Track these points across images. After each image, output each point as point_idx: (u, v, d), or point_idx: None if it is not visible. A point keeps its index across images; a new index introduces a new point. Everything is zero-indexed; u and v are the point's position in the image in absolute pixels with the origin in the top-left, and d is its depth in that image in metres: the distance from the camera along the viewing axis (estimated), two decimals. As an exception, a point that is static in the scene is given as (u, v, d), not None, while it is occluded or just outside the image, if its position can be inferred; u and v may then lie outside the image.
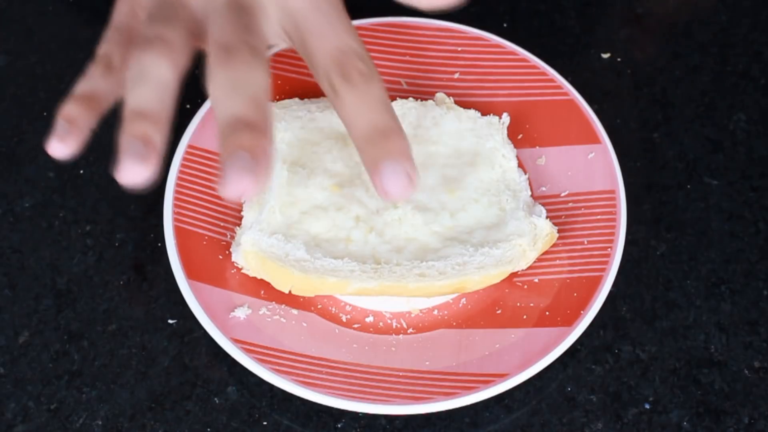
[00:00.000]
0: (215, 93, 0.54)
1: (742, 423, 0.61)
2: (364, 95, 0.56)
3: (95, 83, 0.56)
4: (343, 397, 0.57)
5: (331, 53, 0.57)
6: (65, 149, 0.55)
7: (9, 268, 0.65)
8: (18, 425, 0.60)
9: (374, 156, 0.55)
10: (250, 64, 0.54)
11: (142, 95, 0.54)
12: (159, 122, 0.54)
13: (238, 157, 0.52)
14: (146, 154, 0.52)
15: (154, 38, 0.55)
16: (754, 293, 0.65)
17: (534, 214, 0.63)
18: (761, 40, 0.75)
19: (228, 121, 0.53)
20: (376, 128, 0.55)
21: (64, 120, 0.55)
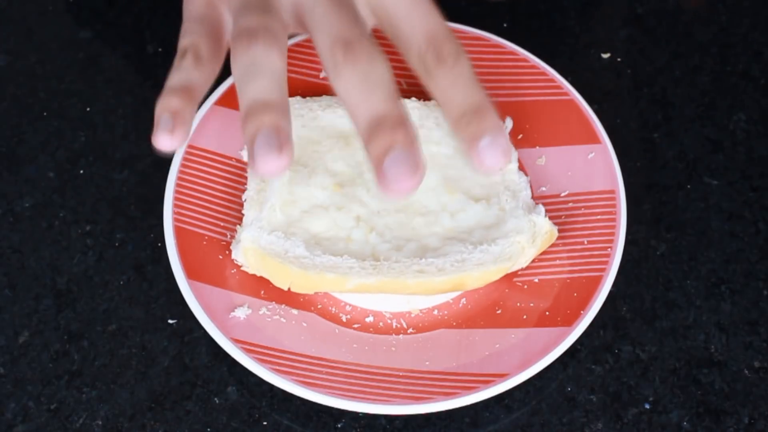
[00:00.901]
0: (349, 92, 0.55)
1: (742, 423, 0.61)
2: (456, 76, 0.57)
3: (188, 74, 0.56)
4: (343, 397, 0.57)
5: (423, 35, 0.57)
6: (174, 141, 0.55)
7: (9, 268, 0.65)
8: (18, 425, 0.60)
9: (471, 133, 0.56)
10: (374, 56, 0.55)
11: (261, 86, 0.54)
12: (285, 111, 0.54)
13: (395, 156, 0.53)
14: (282, 143, 0.53)
15: (259, 29, 0.55)
16: (754, 293, 0.65)
17: (533, 213, 0.63)
18: (761, 40, 0.75)
19: (372, 121, 0.54)
20: (470, 107, 0.57)
21: (167, 113, 0.55)
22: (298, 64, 0.70)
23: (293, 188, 0.63)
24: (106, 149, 0.69)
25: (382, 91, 0.55)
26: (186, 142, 0.65)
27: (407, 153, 0.53)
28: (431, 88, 0.58)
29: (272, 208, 0.62)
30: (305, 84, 0.69)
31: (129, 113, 0.70)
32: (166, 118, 0.54)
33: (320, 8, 0.57)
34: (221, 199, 0.64)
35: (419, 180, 0.54)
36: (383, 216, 0.63)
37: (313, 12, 0.57)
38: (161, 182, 0.64)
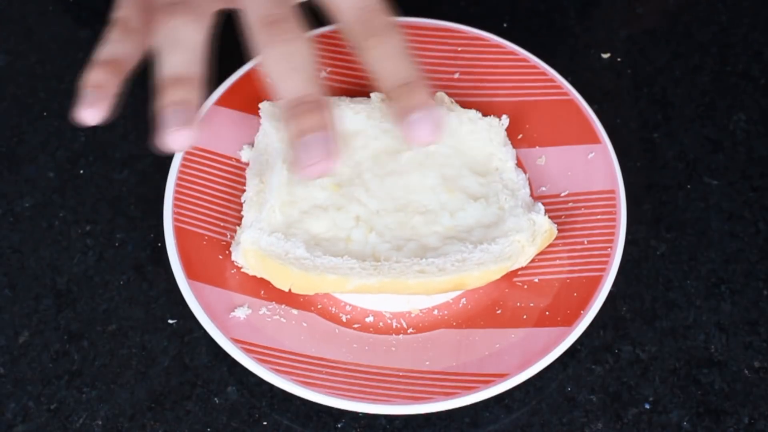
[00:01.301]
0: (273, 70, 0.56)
1: (742, 423, 0.61)
2: (387, 48, 0.58)
3: (116, 47, 0.57)
4: (343, 397, 0.57)
5: (355, 8, 0.58)
6: (95, 115, 0.55)
7: (9, 268, 0.65)
8: (18, 425, 0.60)
9: (403, 107, 0.58)
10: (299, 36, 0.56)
11: (174, 61, 0.55)
12: (195, 85, 0.55)
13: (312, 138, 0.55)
14: (189, 119, 0.54)
15: (180, 2, 0.56)
16: (754, 293, 0.65)
17: (533, 212, 0.63)
18: (761, 40, 0.75)
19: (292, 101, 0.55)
20: (402, 80, 0.58)
21: (90, 87, 0.55)
22: None
23: (292, 189, 0.63)
24: (106, 149, 0.69)
25: (305, 72, 0.56)
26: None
27: (321, 137, 0.55)
28: (364, 60, 0.59)
29: (272, 209, 0.62)
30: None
31: (129, 113, 0.70)
32: (89, 92, 0.55)
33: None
34: (221, 199, 0.64)
35: (332, 164, 0.55)
36: (382, 216, 0.63)
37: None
38: (161, 182, 0.64)
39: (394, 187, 0.64)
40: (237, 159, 0.66)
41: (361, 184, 0.64)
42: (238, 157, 0.66)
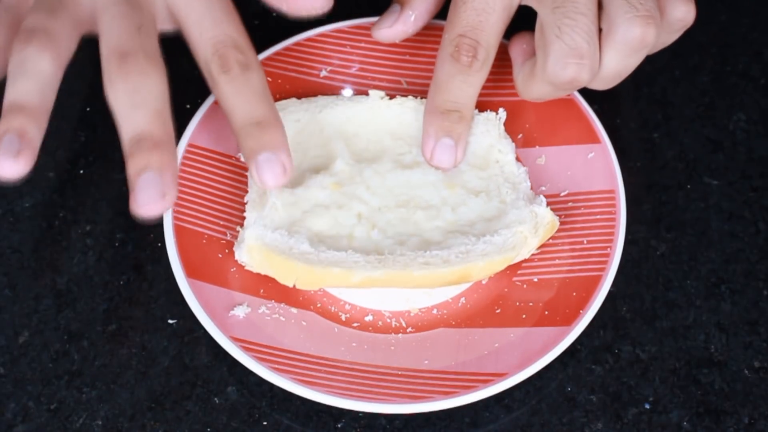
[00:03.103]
0: (117, 105, 0.55)
1: (742, 423, 0.60)
2: (242, 86, 0.58)
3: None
4: (342, 396, 0.57)
5: (211, 42, 0.58)
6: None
7: (9, 268, 0.65)
8: (18, 425, 0.60)
9: (251, 147, 0.57)
10: (146, 72, 0.55)
11: (21, 88, 0.54)
12: (37, 116, 0.54)
13: (146, 177, 0.53)
14: (20, 149, 0.53)
15: (38, 30, 0.55)
16: (754, 293, 0.65)
17: (535, 204, 0.63)
18: (761, 40, 0.75)
19: (132, 138, 0.54)
20: (254, 119, 0.58)
21: None
22: (298, 63, 0.70)
23: (294, 189, 0.63)
24: (106, 149, 0.69)
25: (147, 108, 0.54)
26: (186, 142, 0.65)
27: (157, 177, 0.53)
28: (217, 98, 0.58)
29: (274, 206, 0.62)
30: (305, 83, 0.69)
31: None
32: None
33: (108, 14, 0.57)
34: (221, 197, 0.64)
35: (167, 205, 0.54)
36: (384, 212, 0.63)
37: (102, 17, 0.57)
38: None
39: (395, 183, 0.64)
40: (237, 158, 0.66)
41: (362, 181, 0.64)
42: (238, 156, 0.66)
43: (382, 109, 0.67)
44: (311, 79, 0.69)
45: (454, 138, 0.63)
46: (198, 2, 0.58)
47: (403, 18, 0.66)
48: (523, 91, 0.63)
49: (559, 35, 0.58)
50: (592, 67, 0.58)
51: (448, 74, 0.62)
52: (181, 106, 0.61)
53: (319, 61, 0.70)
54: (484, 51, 0.62)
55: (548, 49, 0.58)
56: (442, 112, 0.63)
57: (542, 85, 0.60)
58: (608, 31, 0.58)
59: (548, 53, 0.58)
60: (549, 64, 0.58)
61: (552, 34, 0.58)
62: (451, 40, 0.62)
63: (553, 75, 0.58)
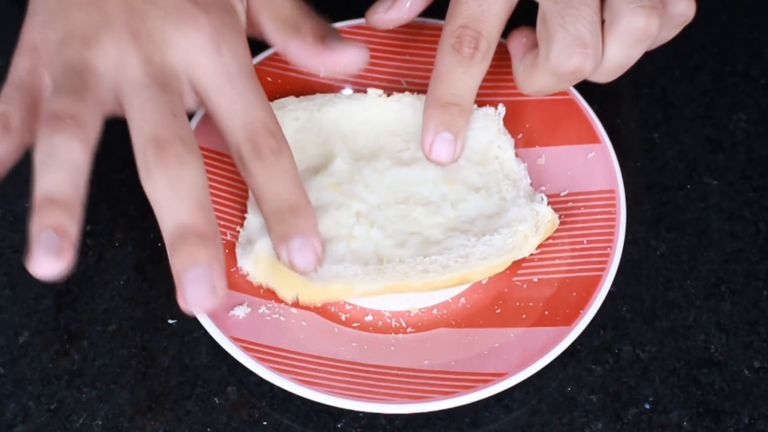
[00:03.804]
0: (156, 196, 0.53)
1: (742, 423, 0.60)
2: (274, 171, 0.57)
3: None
4: (342, 396, 0.57)
5: (243, 129, 0.57)
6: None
7: (9, 268, 0.65)
8: (18, 425, 0.60)
9: (283, 231, 0.58)
10: (186, 161, 0.54)
11: (53, 180, 0.52)
12: (73, 209, 0.52)
13: (195, 274, 0.52)
14: (61, 246, 0.51)
15: (65, 116, 0.53)
16: (754, 293, 0.65)
17: (535, 202, 0.63)
18: (761, 40, 0.75)
19: (176, 231, 0.53)
20: (286, 205, 0.58)
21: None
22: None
23: None
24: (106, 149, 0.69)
25: (190, 200, 0.53)
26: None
27: (207, 273, 0.52)
28: (247, 182, 0.58)
29: None
30: (305, 83, 0.69)
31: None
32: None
33: (138, 98, 0.55)
34: (221, 197, 0.64)
35: (218, 301, 0.53)
36: (383, 209, 0.63)
37: (131, 101, 0.55)
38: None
39: (394, 181, 0.64)
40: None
41: (361, 180, 0.64)
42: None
43: (380, 107, 0.67)
44: (311, 79, 0.69)
45: (453, 132, 0.63)
46: (229, 87, 0.58)
47: (398, 5, 0.66)
48: (524, 85, 0.62)
49: (562, 25, 0.57)
50: (596, 57, 0.58)
51: (449, 66, 0.62)
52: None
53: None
54: (485, 42, 0.61)
55: (552, 39, 0.58)
56: (442, 105, 0.63)
57: (545, 76, 0.60)
58: (611, 22, 0.58)
59: (552, 43, 0.58)
60: (553, 53, 0.58)
61: (555, 24, 0.58)
62: (452, 31, 0.62)
63: (556, 65, 0.58)
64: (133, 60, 0.56)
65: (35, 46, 0.57)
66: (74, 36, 0.56)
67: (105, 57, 0.56)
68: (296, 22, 0.61)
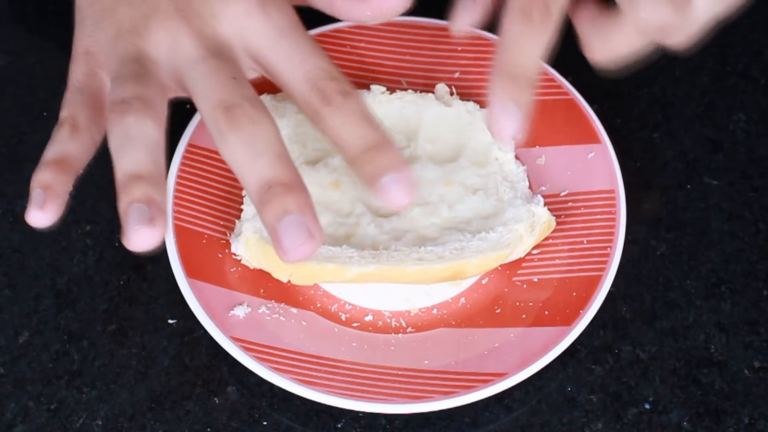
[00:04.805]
0: (235, 158, 0.54)
1: (742, 423, 0.60)
2: (347, 114, 0.56)
3: (64, 146, 0.55)
4: (342, 396, 0.57)
5: (305, 79, 0.57)
6: (45, 218, 0.53)
7: (9, 268, 0.65)
8: (18, 425, 0.60)
9: (371, 172, 0.56)
10: (256, 119, 0.54)
11: (133, 158, 0.52)
12: (158, 183, 0.52)
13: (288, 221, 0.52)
14: (153, 216, 0.51)
15: (132, 98, 0.54)
16: (754, 293, 0.65)
17: (532, 203, 0.63)
18: (761, 40, 0.75)
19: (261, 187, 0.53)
20: (367, 144, 0.56)
21: (40, 188, 0.53)
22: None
23: None
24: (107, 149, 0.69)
25: (268, 155, 0.53)
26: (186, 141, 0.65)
27: (300, 218, 0.52)
28: (323, 131, 0.57)
29: None
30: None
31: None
32: (37, 194, 0.53)
33: (197, 71, 0.56)
34: (221, 197, 0.64)
35: (316, 244, 0.53)
36: (381, 208, 0.63)
37: (191, 75, 0.56)
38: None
39: None
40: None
41: None
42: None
43: (383, 104, 0.67)
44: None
45: (522, 105, 0.59)
46: (283, 41, 0.57)
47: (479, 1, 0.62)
48: (599, 49, 0.59)
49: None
50: (685, 8, 0.55)
51: (520, 34, 0.58)
52: (181, 106, 0.61)
53: None
54: (556, 7, 0.58)
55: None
56: (511, 77, 0.59)
57: (628, 34, 0.57)
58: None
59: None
60: (641, 6, 0.55)
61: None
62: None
63: (645, 17, 0.55)
64: (185, 39, 0.56)
65: (88, 50, 0.58)
66: (124, 30, 0.57)
67: (157, 42, 0.57)
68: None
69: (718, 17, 0.57)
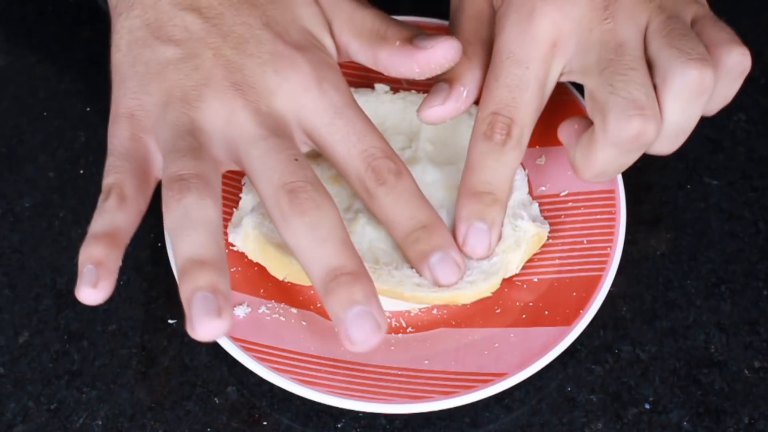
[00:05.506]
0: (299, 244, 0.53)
1: (742, 423, 0.60)
2: (398, 192, 0.57)
3: (112, 218, 0.54)
4: (342, 396, 0.57)
5: (361, 158, 0.57)
6: (99, 296, 0.52)
7: (9, 268, 0.65)
8: (18, 425, 0.60)
9: (421, 251, 0.58)
10: (320, 204, 0.53)
11: (195, 242, 0.51)
12: (221, 268, 0.51)
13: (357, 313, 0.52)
14: (220, 306, 0.50)
15: (189, 176, 0.52)
16: (754, 293, 0.65)
17: (519, 218, 0.63)
18: (761, 40, 0.75)
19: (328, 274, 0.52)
20: (419, 224, 0.57)
21: (91, 264, 0.52)
22: None
23: None
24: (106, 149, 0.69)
25: (333, 240, 0.53)
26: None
27: (367, 309, 0.52)
28: (375, 211, 0.58)
29: None
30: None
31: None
32: (89, 270, 0.52)
33: (257, 150, 0.55)
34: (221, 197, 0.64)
35: (383, 334, 0.53)
36: None
37: (250, 155, 0.55)
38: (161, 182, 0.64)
39: None
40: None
41: None
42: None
43: (386, 104, 0.67)
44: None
45: (487, 222, 0.60)
46: (339, 120, 0.57)
47: (455, 95, 0.61)
48: (584, 167, 0.59)
49: (613, 92, 0.55)
50: (656, 119, 0.55)
51: (481, 154, 0.60)
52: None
53: None
54: (518, 128, 0.59)
55: (606, 109, 0.55)
56: (474, 194, 0.60)
57: (605, 150, 0.57)
58: (663, 81, 0.55)
59: (607, 112, 0.55)
60: (610, 121, 0.55)
61: (606, 93, 0.55)
62: (483, 118, 0.59)
63: (616, 132, 0.55)
64: (242, 113, 0.56)
65: (132, 114, 0.56)
66: (174, 97, 0.55)
67: (212, 114, 0.55)
68: (379, 30, 0.60)
69: (697, 119, 0.57)
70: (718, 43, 0.57)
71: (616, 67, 0.56)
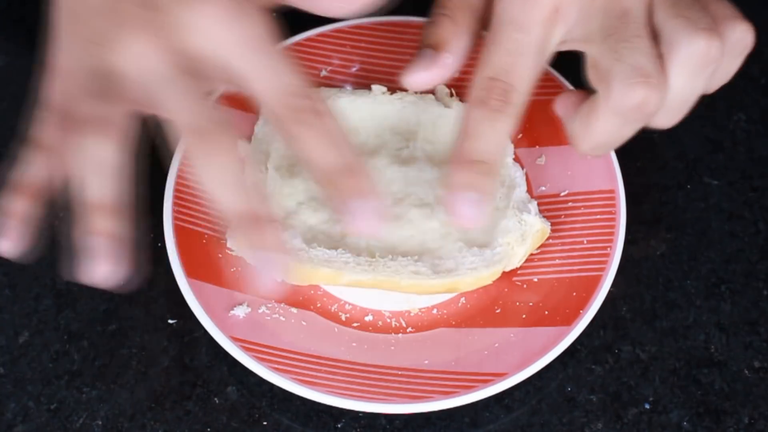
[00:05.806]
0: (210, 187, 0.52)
1: (742, 423, 0.60)
2: (320, 133, 0.55)
3: (32, 170, 0.54)
4: (342, 396, 0.57)
5: (278, 96, 0.55)
6: (14, 246, 0.52)
7: (9, 268, 0.65)
8: (18, 425, 0.60)
9: (341, 195, 0.54)
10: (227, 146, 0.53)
11: (91, 184, 0.51)
12: (118, 210, 0.51)
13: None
14: (114, 251, 0.50)
15: (93, 118, 0.52)
16: (754, 293, 0.65)
17: (524, 212, 0.63)
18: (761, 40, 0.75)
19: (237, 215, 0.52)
20: (339, 166, 0.54)
21: (8, 216, 0.52)
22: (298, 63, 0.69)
23: (291, 180, 0.63)
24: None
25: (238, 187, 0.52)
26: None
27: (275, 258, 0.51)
28: (294, 149, 0.55)
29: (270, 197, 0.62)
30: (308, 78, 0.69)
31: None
32: (5, 222, 0.52)
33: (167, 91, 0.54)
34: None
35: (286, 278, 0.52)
36: None
37: (160, 96, 0.54)
38: (161, 181, 0.64)
39: (392, 179, 0.64)
40: (237, 158, 0.66)
41: None
42: (238, 155, 0.66)
43: (383, 104, 0.67)
44: (312, 79, 0.69)
45: (480, 192, 0.57)
46: (254, 54, 0.55)
47: (440, 61, 0.60)
48: (583, 138, 0.58)
49: (618, 59, 0.54)
50: (660, 87, 0.54)
51: (476, 120, 0.57)
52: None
53: (319, 61, 0.70)
54: (516, 95, 0.57)
55: (610, 76, 0.54)
56: (468, 163, 0.57)
57: (607, 119, 0.56)
58: (670, 51, 0.55)
59: (611, 79, 0.54)
60: (614, 89, 0.54)
61: (611, 60, 0.54)
62: (480, 83, 0.57)
63: (620, 99, 0.54)
64: (155, 54, 0.54)
65: (61, 67, 0.56)
66: (93, 43, 0.55)
67: (126, 56, 0.55)
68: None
69: (700, 93, 0.57)
70: (722, 18, 0.57)
71: (620, 35, 0.55)
